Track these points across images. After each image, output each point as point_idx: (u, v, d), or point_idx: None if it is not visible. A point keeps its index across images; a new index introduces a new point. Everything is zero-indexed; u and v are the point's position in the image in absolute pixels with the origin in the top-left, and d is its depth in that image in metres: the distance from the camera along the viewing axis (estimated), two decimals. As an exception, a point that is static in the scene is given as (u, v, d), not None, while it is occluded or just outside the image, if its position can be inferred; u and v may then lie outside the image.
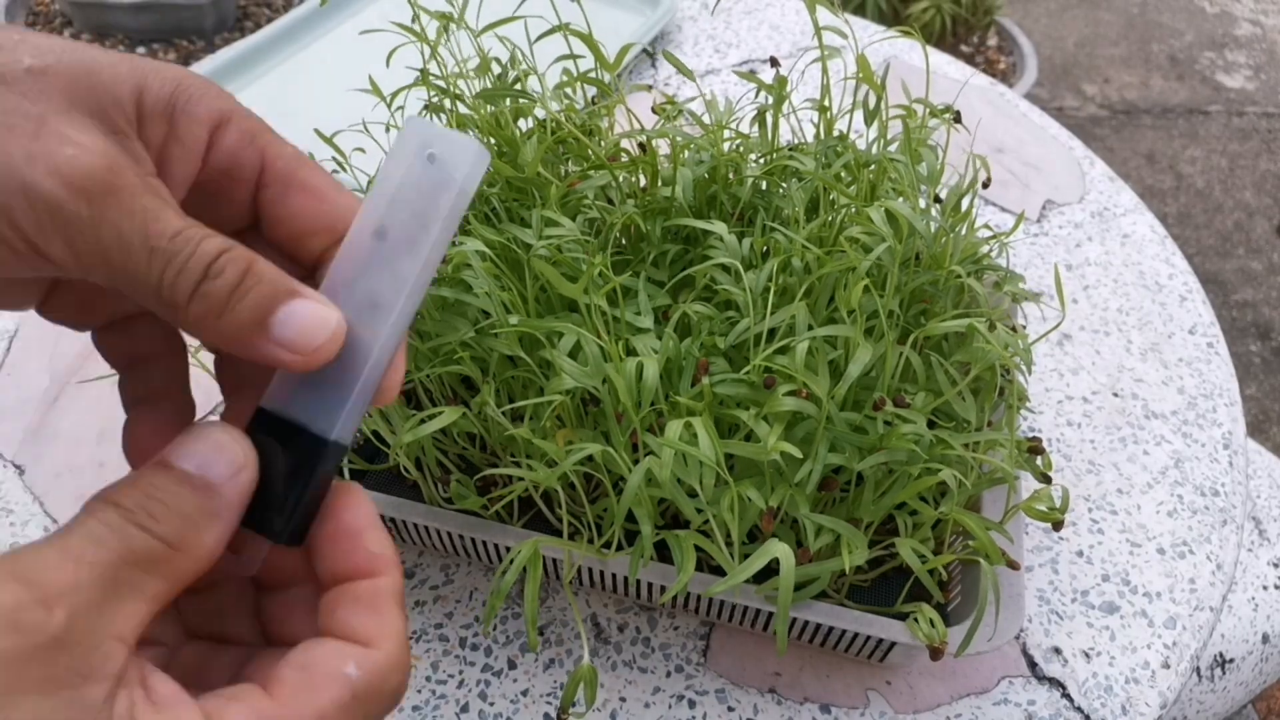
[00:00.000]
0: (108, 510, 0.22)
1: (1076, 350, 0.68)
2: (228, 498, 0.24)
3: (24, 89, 0.22)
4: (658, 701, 0.48)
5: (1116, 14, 2.68)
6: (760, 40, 0.97)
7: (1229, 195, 2.12)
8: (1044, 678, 0.50)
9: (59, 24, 1.99)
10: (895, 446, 0.41)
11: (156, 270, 0.23)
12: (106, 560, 0.21)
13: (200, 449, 0.24)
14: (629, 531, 0.47)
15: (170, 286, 0.23)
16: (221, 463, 0.24)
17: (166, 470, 0.23)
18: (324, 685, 0.23)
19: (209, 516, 0.23)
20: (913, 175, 0.49)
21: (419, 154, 0.26)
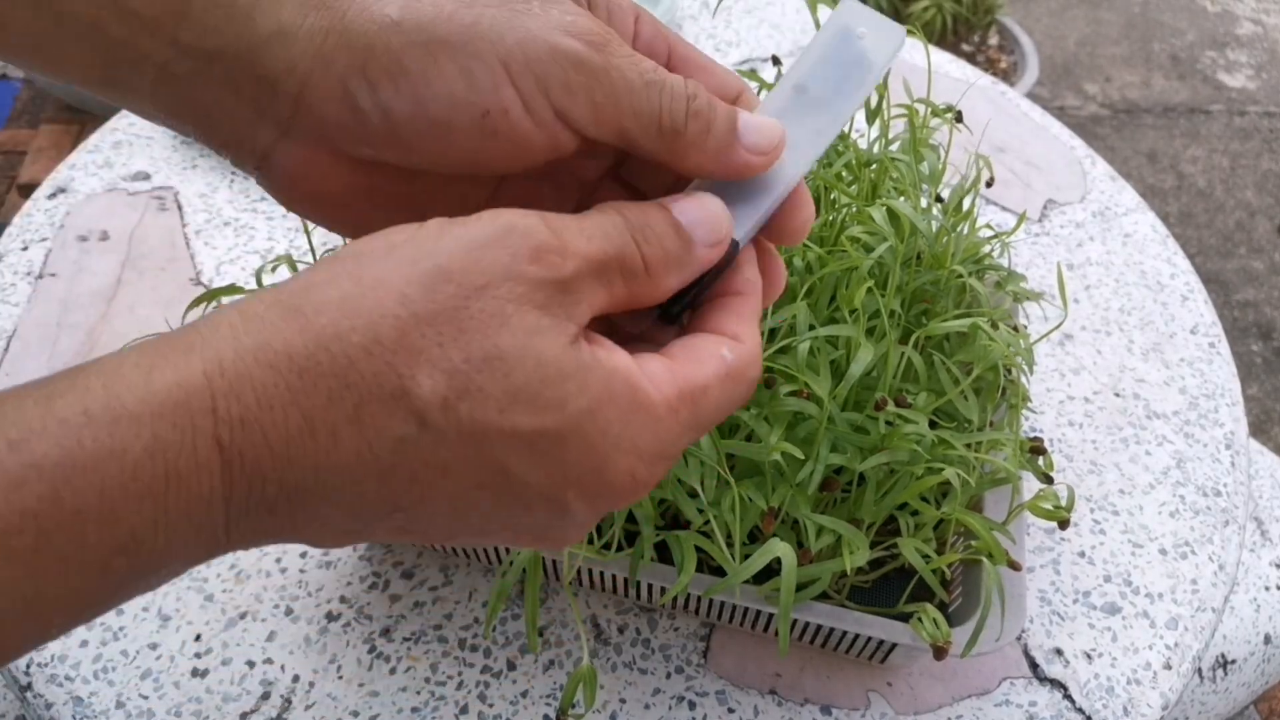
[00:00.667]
0: (617, 216, 0.26)
1: (1078, 350, 0.68)
2: (699, 259, 0.28)
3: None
4: (658, 703, 0.48)
5: (1118, 13, 2.68)
6: (760, 39, 0.97)
7: (1230, 195, 2.12)
8: (1045, 679, 0.50)
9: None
10: (897, 447, 0.41)
11: (655, 99, 0.27)
12: (606, 250, 0.25)
13: (696, 211, 0.28)
14: (629, 532, 0.47)
15: (669, 111, 0.27)
16: (708, 228, 0.28)
17: (664, 212, 0.27)
18: (708, 359, 0.27)
19: (679, 265, 0.27)
20: (915, 175, 0.49)
21: (849, 29, 0.31)
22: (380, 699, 0.48)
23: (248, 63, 0.26)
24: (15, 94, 2.02)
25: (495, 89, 0.26)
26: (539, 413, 0.23)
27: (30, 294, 0.69)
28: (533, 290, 0.24)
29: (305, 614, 0.51)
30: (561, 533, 0.26)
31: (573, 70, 0.26)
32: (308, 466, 0.22)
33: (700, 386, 0.26)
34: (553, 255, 0.24)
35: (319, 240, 0.73)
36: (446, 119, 0.26)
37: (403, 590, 0.53)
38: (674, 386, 0.26)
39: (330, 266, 0.24)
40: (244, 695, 0.48)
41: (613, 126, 0.27)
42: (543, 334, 0.23)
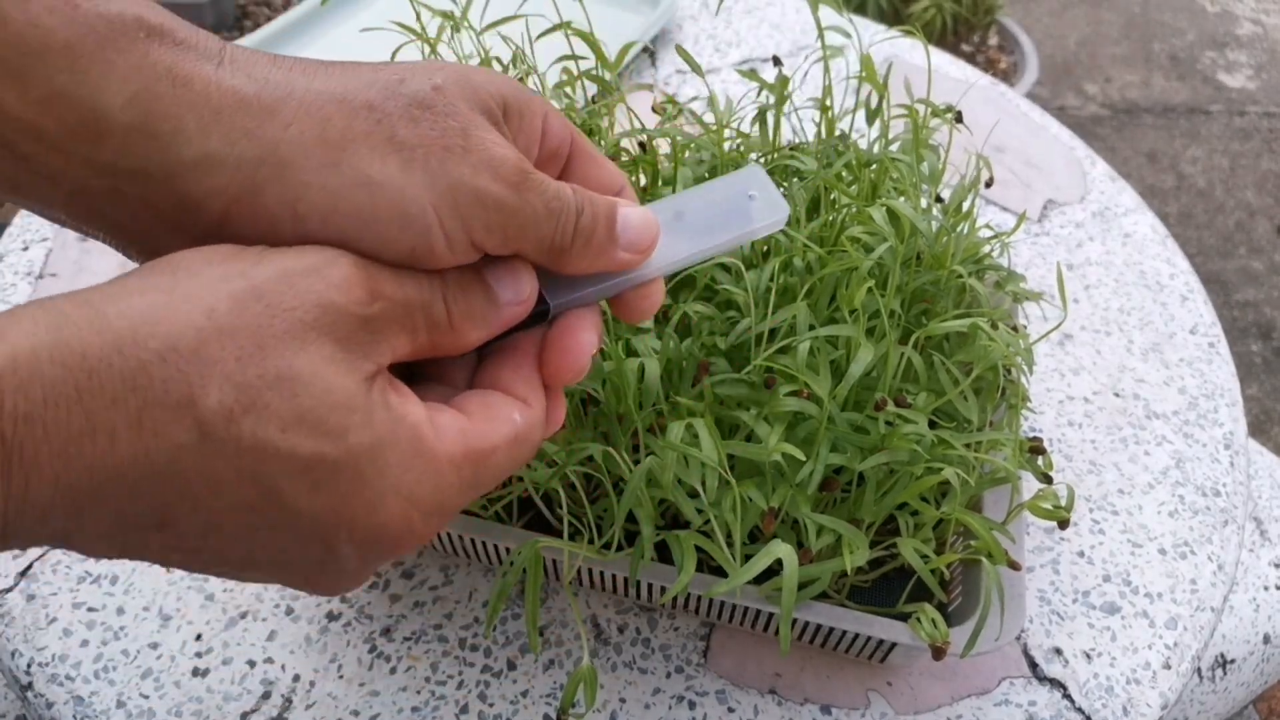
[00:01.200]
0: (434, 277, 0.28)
1: (1077, 350, 0.68)
2: (502, 318, 0.29)
3: (441, 109, 0.27)
4: (658, 702, 0.48)
5: (1118, 13, 2.68)
6: (761, 39, 0.97)
7: (1230, 195, 2.12)
8: (1045, 678, 0.50)
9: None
10: (897, 447, 0.41)
11: (552, 226, 0.29)
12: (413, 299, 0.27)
13: (505, 275, 0.29)
14: (629, 532, 0.47)
15: (561, 234, 0.29)
16: (513, 290, 0.29)
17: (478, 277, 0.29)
18: (500, 421, 0.28)
19: (483, 323, 0.29)
20: (915, 175, 0.49)
21: (746, 188, 0.34)
22: (381, 698, 0.48)
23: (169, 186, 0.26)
24: (15, 94, 2.02)
25: (426, 233, 0.27)
26: (319, 438, 0.24)
27: (30, 294, 0.69)
28: (337, 322, 0.24)
29: (306, 613, 0.52)
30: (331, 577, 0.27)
31: (494, 212, 0.27)
32: (83, 467, 0.22)
33: (488, 448, 0.27)
34: (362, 292, 0.25)
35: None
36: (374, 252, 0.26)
37: (403, 590, 0.53)
38: (462, 445, 0.27)
39: (146, 275, 0.24)
40: (244, 695, 0.48)
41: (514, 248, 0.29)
42: (337, 364, 0.24)
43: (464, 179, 0.27)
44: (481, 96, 0.29)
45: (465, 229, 0.27)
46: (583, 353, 0.31)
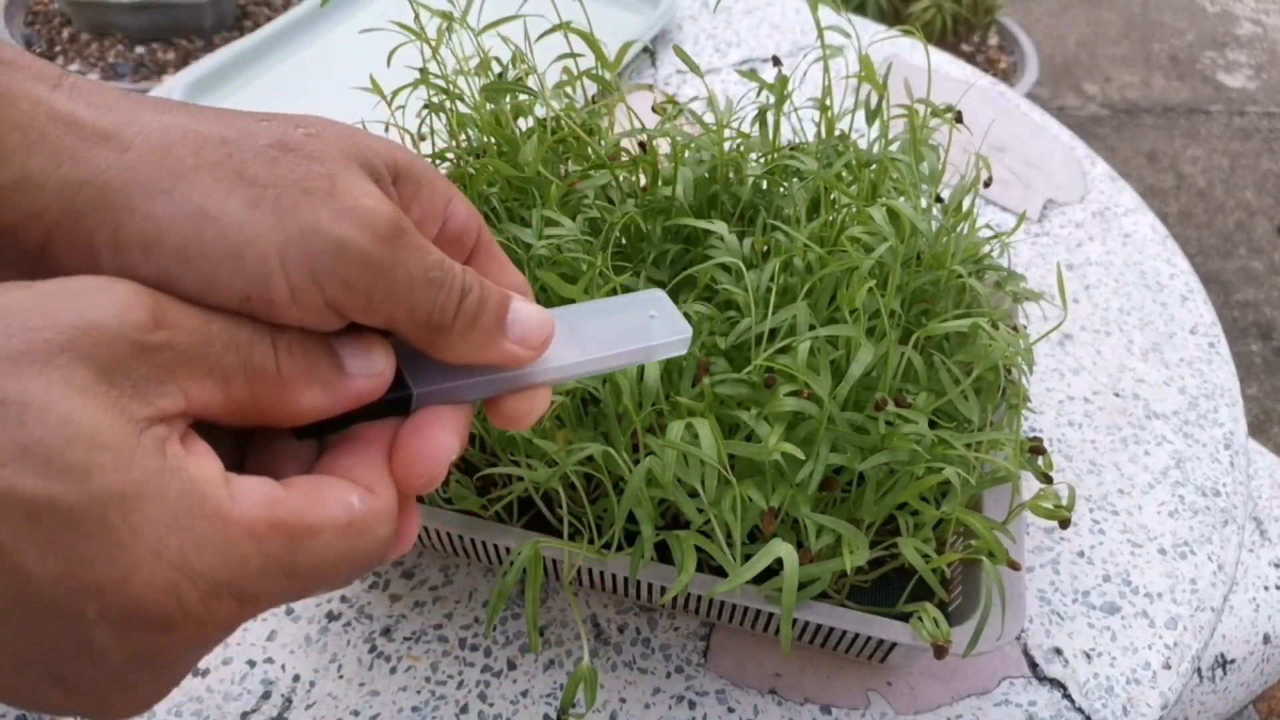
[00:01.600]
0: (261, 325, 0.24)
1: (1077, 350, 0.68)
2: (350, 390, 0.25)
3: (306, 152, 0.24)
4: (658, 702, 0.48)
5: (1117, 13, 2.68)
6: (761, 39, 0.97)
7: (1230, 195, 2.12)
8: (1045, 678, 0.50)
9: (58, 24, 1.99)
10: (897, 447, 0.41)
11: (431, 297, 0.25)
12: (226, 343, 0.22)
13: (356, 347, 0.25)
14: (629, 532, 0.47)
15: (440, 309, 0.26)
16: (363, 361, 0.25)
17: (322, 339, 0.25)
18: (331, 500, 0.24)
19: (324, 387, 0.24)
20: (915, 175, 0.49)
21: (645, 307, 0.32)
22: (381, 698, 0.48)
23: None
24: (15, 94, 2.02)
25: (264, 279, 0.23)
26: (49, 477, 0.18)
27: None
28: (98, 345, 0.20)
29: (306, 613, 0.52)
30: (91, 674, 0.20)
31: (356, 268, 0.23)
32: None
33: (308, 526, 0.22)
34: (142, 315, 0.21)
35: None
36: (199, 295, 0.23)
37: (403, 590, 0.53)
38: (268, 511, 0.22)
39: None
40: (245, 695, 0.48)
41: (382, 317, 0.25)
42: (90, 395, 0.19)
43: (321, 224, 0.23)
44: (365, 154, 0.26)
45: (316, 282, 0.23)
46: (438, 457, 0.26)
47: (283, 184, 0.23)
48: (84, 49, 1.92)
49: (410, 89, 0.51)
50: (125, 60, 1.91)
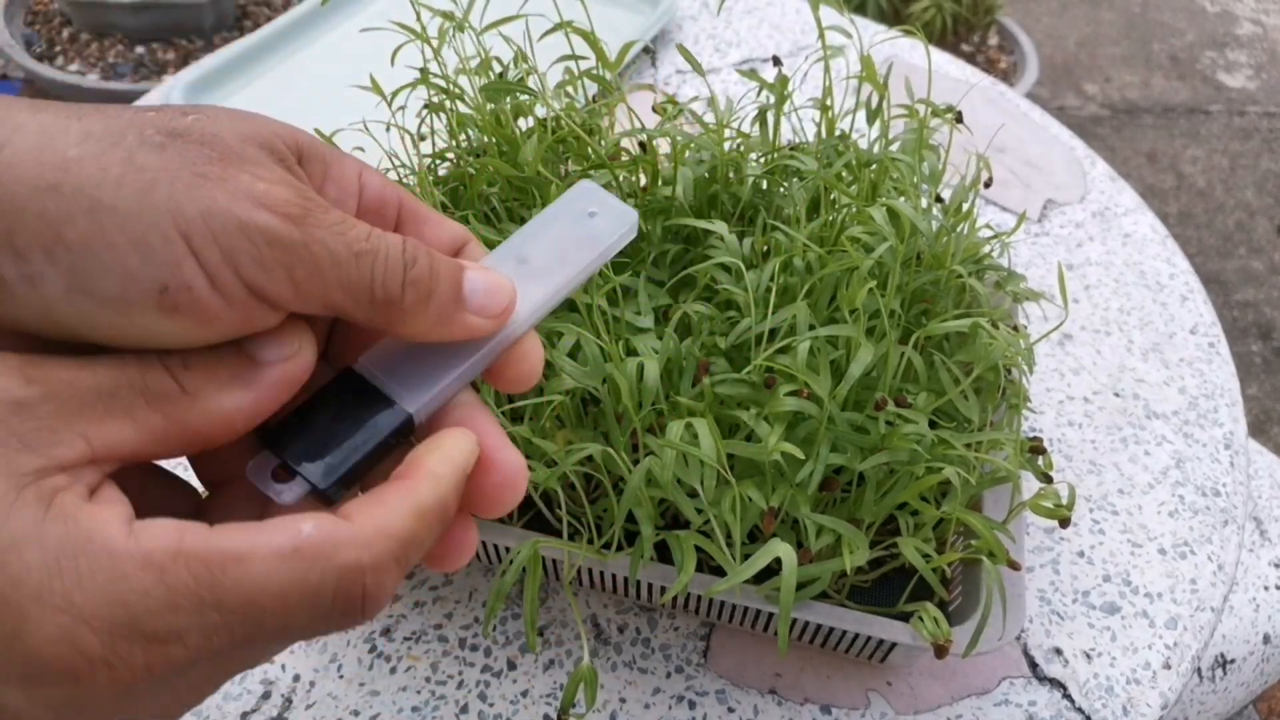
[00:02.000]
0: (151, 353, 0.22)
1: (1078, 350, 0.68)
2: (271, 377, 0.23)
3: (197, 137, 0.23)
4: (658, 702, 0.48)
5: (1118, 13, 2.68)
6: (761, 39, 0.97)
7: (1230, 195, 2.12)
8: (1045, 678, 0.50)
9: (58, 24, 1.99)
10: (897, 446, 0.41)
11: (367, 270, 0.24)
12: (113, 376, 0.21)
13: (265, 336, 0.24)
14: (629, 532, 0.47)
15: (383, 283, 0.24)
16: (273, 345, 0.24)
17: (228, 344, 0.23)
18: (272, 527, 0.21)
19: (239, 382, 0.23)
20: (915, 175, 0.49)
21: (581, 209, 0.30)
22: (381, 698, 0.48)
23: None
24: (15, 94, 2.02)
25: (175, 263, 0.21)
26: None
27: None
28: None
29: (306, 613, 0.51)
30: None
31: (266, 247, 0.22)
32: None
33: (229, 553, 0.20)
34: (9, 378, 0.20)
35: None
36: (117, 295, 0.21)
37: (403, 590, 0.53)
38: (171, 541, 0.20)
39: None
40: (244, 695, 0.48)
41: (319, 300, 0.24)
42: None
43: (219, 205, 0.22)
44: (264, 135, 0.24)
45: (231, 264, 0.22)
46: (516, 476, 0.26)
47: (174, 169, 0.22)
48: (84, 49, 1.92)
49: (410, 89, 0.51)
50: (125, 60, 1.91)
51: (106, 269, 0.21)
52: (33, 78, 1.82)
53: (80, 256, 0.21)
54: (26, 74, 1.85)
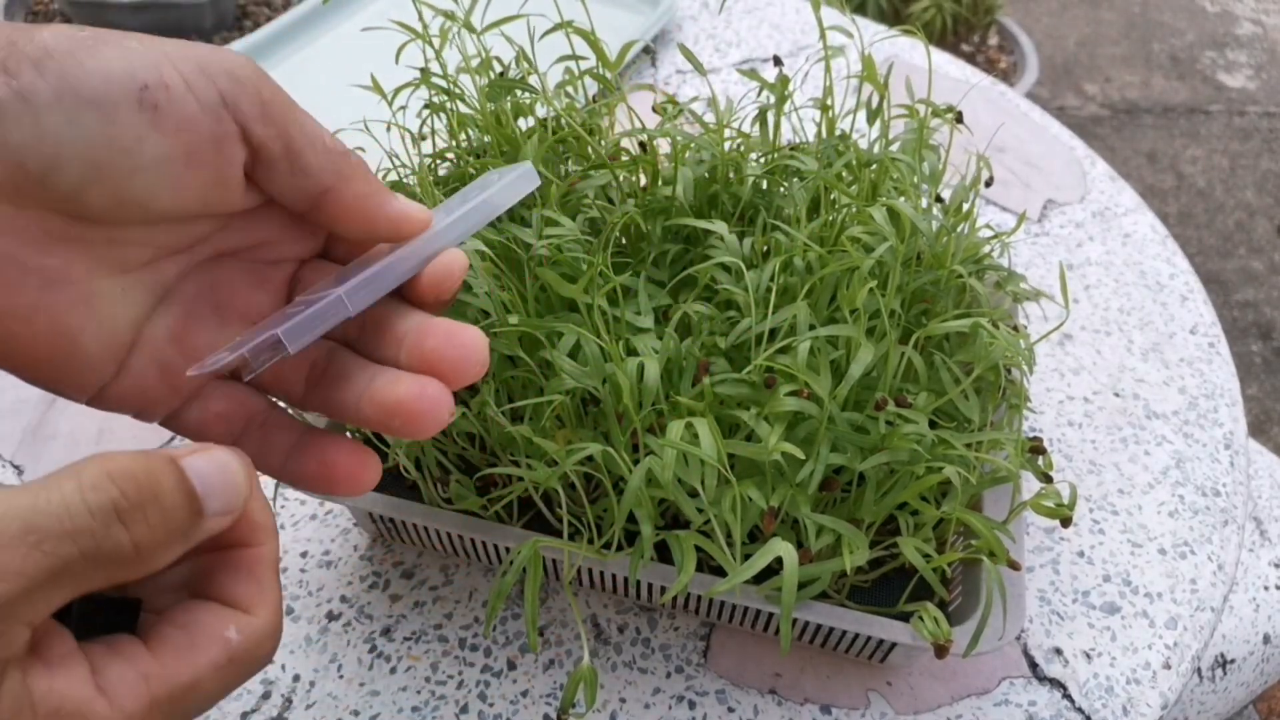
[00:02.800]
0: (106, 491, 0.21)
1: (1077, 350, 0.68)
2: (206, 530, 0.24)
3: None
4: (658, 702, 0.48)
5: (1117, 13, 2.68)
6: (761, 39, 0.97)
7: (1230, 195, 2.12)
8: (1045, 678, 0.50)
9: (58, 24, 1.98)
10: (897, 446, 0.41)
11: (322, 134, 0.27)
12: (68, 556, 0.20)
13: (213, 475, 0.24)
14: (629, 532, 0.47)
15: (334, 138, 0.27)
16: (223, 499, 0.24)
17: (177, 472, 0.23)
18: (204, 646, 0.23)
19: (183, 540, 0.23)
20: (915, 175, 0.49)
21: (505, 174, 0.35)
22: (381, 698, 0.48)
23: None
24: (15, 93, 2.02)
25: (155, 66, 0.24)
26: None
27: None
28: None
29: (306, 613, 0.51)
30: None
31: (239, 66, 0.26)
32: None
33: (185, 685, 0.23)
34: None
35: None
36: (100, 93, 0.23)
37: (403, 590, 0.53)
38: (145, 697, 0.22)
39: None
40: (244, 694, 0.48)
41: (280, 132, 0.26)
42: None
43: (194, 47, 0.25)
44: None
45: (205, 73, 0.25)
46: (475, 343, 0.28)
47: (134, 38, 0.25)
48: (84, 49, 1.92)
49: (411, 89, 0.51)
50: (125, 60, 1.91)
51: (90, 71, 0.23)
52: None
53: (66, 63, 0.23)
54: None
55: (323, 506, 0.57)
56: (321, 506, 0.57)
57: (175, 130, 0.25)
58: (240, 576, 0.25)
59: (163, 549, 0.23)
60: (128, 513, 0.22)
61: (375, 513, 0.48)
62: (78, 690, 0.21)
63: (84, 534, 0.21)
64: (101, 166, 0.24)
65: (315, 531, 0.55)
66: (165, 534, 0.22)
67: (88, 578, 0.21)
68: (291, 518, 0.56)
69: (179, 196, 0.26)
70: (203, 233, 0.28)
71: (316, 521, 0.56)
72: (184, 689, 0.23)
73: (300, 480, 0.29)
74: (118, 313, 0.27)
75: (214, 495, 0.23)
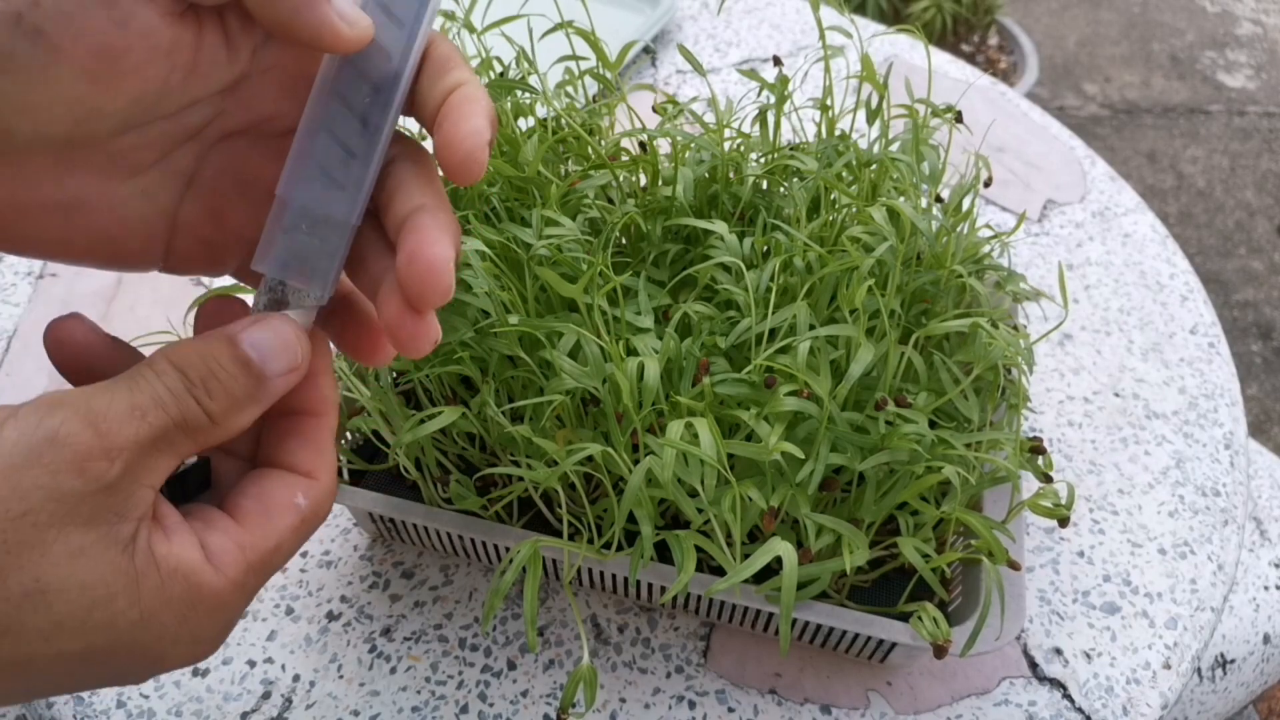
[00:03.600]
0: (174, 375, 0.25)
1: (1077, 350, 0.68)
2: (274, 390, 0.27)
3: None
4: (658, 702, 0.48)
5: (1117, 13, 2.68)
6: (760, 39, 0.97)
7: (1230, 195, 2.12)
8: (1045, 678, 0.50)
9: None
10: (897, 446, 0.41)
11: None
12: (164, 424, 0.24)
13: (265, 339, 0.27)
14: (629, 532, 0.47)
15: None
16: (282, 359, 0.27)
17: (231, 347, 0.26)
18: (279, 513, 0.27)
19: (253, 402, 0.26)
20: (916, 174, 0.49)
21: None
22: (381, 698, 0.48)
23: None
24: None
25: None
26: (86, 635, 0.23)
27: (31, 294, 0.69)
28: (77, 505, 0.23)
29: (306, 613, 0.52)
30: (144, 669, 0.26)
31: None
32: None
33: (271, 549, 0.27)
34: (99, 462, 0.23)
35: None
36: None
37: (403, 590, 0.53)
38: (243, 564, 0.26)
39: None
40: (245, 695, 0.48)
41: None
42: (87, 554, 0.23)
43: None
44: None
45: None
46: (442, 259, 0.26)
47: None
48: (84, 49, 1.92)
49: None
50: (125, 60, 1.90)
51: None
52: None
53: None
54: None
55: (323, 506, 0.57)
56: (321, 506, 0.57)
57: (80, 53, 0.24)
58: (306, 443, 0.29)
59: (235, 413, 0.26)
60: (195, 388, 0.25)
61: (375, 513, 0.48)
62: (190, 554, 0.25)
63: (170, 406, 0.25)
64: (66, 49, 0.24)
65: (315, 531, 0.55)
66: (231, 400, 0.26)
67: (183, 444, 0.25)
68: (291, 518, 0.56)
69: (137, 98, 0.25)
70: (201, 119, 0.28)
71: (316, 521, 0.56)
72: (269, 553, 0.27)
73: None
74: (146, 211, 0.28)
75: (273, 358, 0.27)
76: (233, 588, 0.26)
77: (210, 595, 0.25)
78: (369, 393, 0.48)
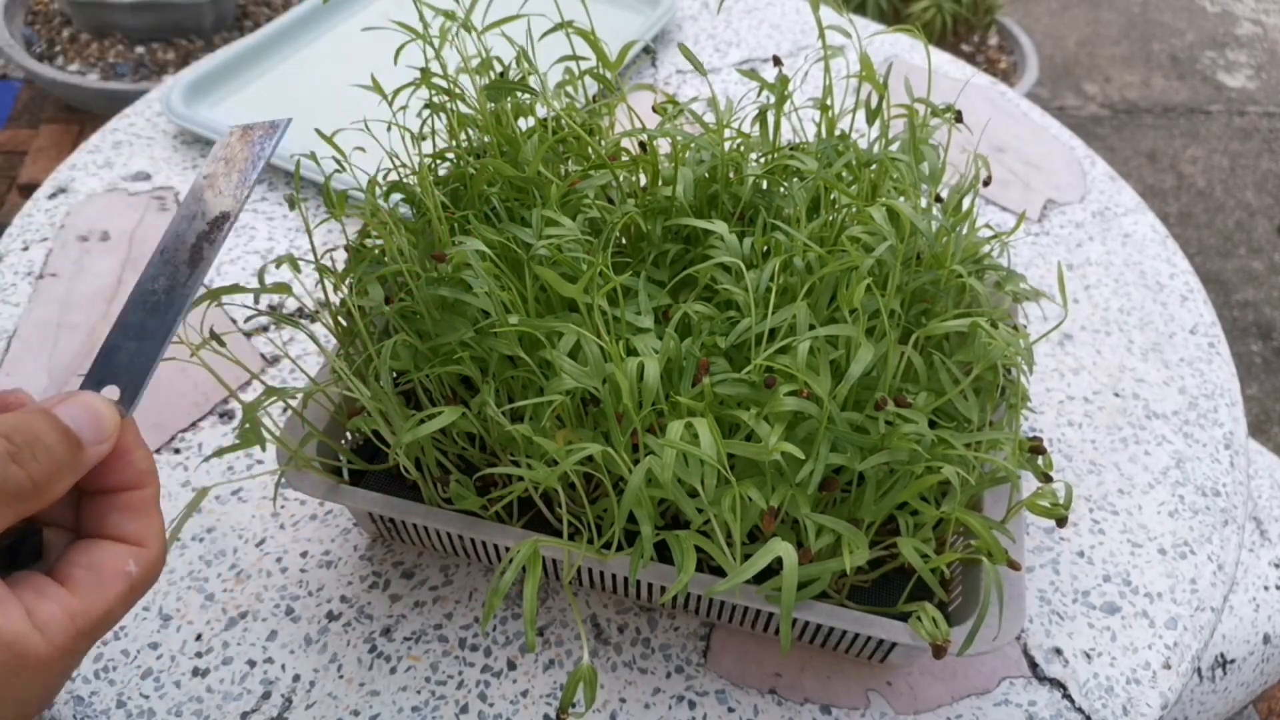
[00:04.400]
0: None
1: (1077, 350, 0.68)
2: (88, 460, 0.29)
3: None
4: (658, 702, 0.48)
5: (1118, 13, 2.68)
6: (760, 39, 0.97)
7: (1230, 195, 2.12)
8: (1045, 678, 0.50)
9: (58, 24, 1.98)
10: (897, 446, 0.41)
11: None
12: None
13: (78, 412, 0.29)
14: (629, 532, 0.47)
15: None
16: (96, 429, 0.29)
17: (49, 418, 0.28)
18: (111, 580, 0.29)
19: (70, 471, 0.28)
20: (915, 174, 0.49)
21: None
22: (381, 698, 0.48)
23: None
24: (15, 94, 2.02)
25: None
26: None
27: (31, 294, 0.69)
28: None
29: (306, 613, 0.52)
30: None
31: None
32: None
33: (101, 616, 0.28)
34: None
35: (320, 240, 0.73)
36: None
37: (403, 590, 0.53)
38: (72, 631, 0.27)
39: None
40: (245, 695, 0.48)
41: None
42: None
43: None
44: None
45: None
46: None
47: None
48: (84, 49, 1.92)
49: (412, 89, 0.51)
50: (125, 60, 1.91)
51: None
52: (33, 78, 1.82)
53: None
54: (26, 74, 1.85)
55: (323, 507, 0.57)
56: (321, 507, 0.57)
57: None
58: (133, 515, 0.30)
59: (55, 480, 0.28)
60: (18, 455, 0.27)
61: (375, 513, 0.48)
62: (15, 624, 0.26)
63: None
64: None
65: (315, 531, 0.55)
66: (54, 466, 0.28)
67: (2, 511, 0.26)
68: (291, 518, 0.56)
69: None
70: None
71: (316, 522, 0.56)
72: (99, 619, 0.28)
73: None
74: None
75: (87, 429, 0.29)
76: (60, 654, 0.27)
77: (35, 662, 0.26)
78: (369, 393, 0.48)
